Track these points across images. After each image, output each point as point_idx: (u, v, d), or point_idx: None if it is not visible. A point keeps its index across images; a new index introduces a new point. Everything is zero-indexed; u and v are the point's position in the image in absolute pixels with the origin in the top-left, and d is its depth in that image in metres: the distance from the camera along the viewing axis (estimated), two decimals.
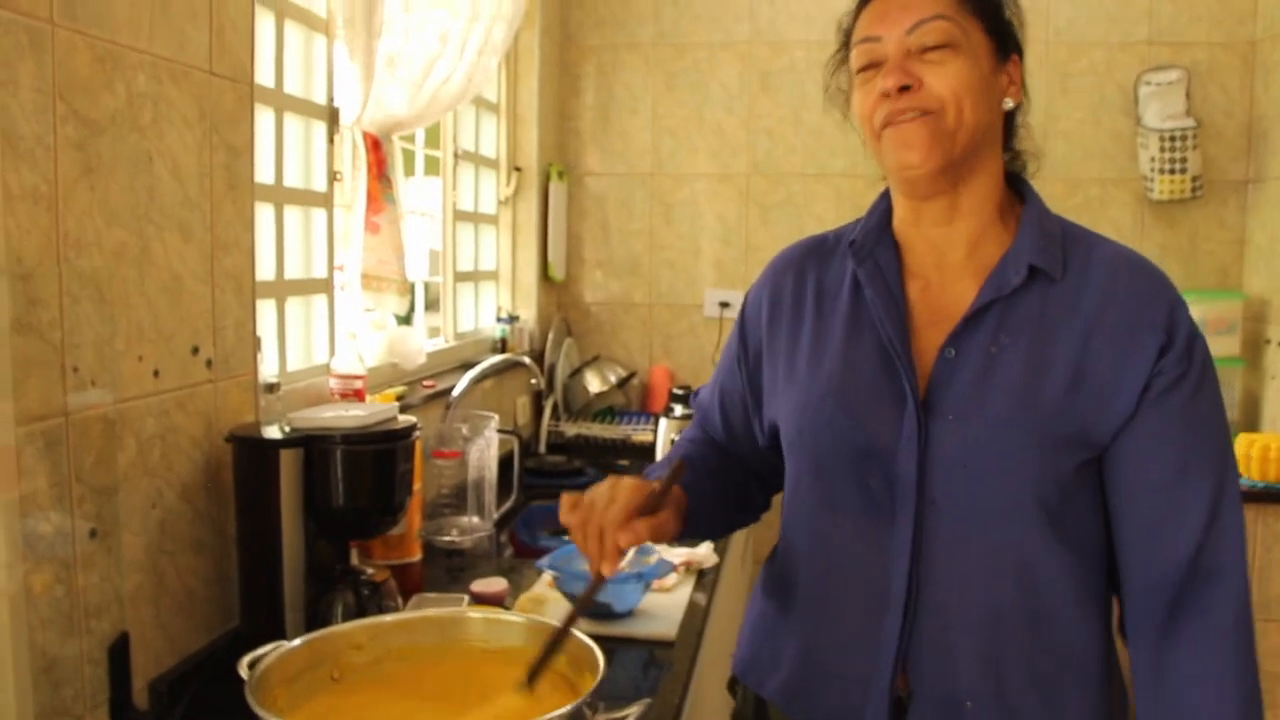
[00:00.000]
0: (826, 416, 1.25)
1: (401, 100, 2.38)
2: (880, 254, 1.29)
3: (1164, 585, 1.16)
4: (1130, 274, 1.21)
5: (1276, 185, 3.41)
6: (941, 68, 1.18)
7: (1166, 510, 1.17)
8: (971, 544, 1.19)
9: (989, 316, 1.21)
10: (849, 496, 1.24)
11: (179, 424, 1.54)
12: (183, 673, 1.53)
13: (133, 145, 1.41)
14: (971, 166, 1.23)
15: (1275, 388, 3.35)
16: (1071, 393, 1.16)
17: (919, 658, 1.21)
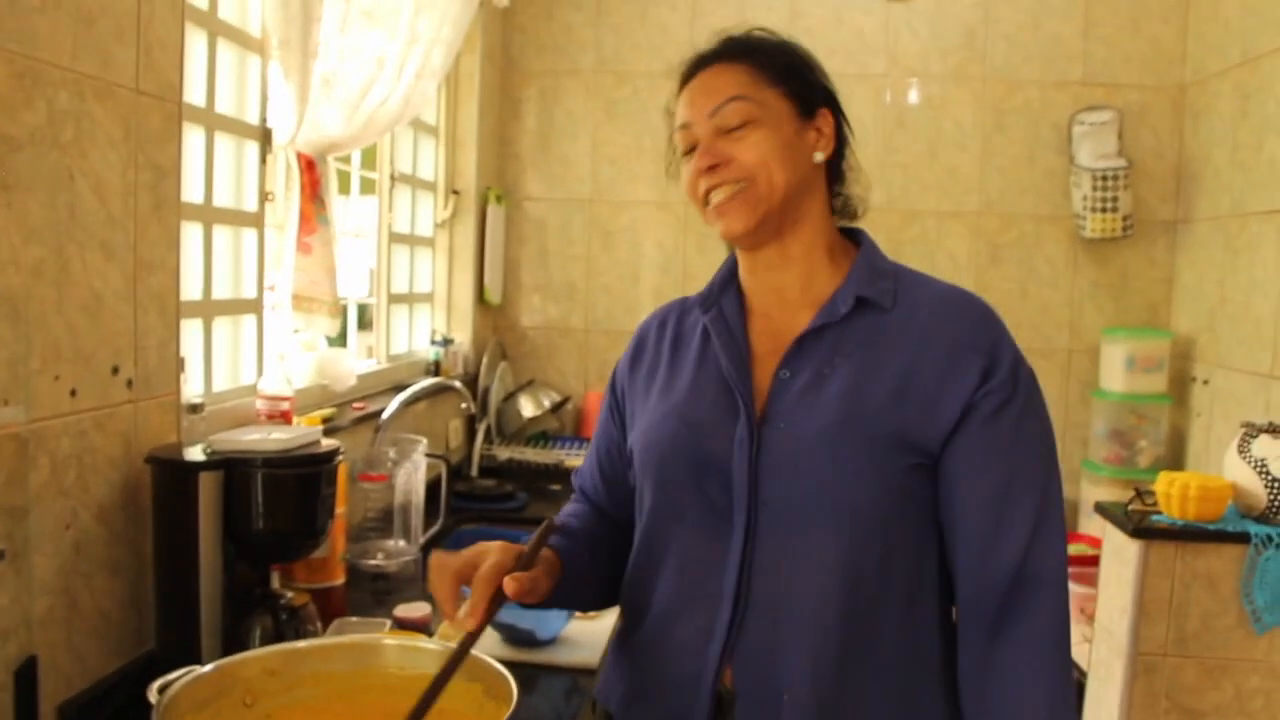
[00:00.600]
0: (670, 431, 1.33)
1: (337, 121, 2.37)
2: (724, 302, 1.39)
3: (991, 593, 1.25)
4: (957, 305, 1.32)
5: (1204, 226, 3.50)
6: (743, 142, 1.29)
7: (994, 524, 1.25)
8: (800, 543, 1.24)
9: (823, 341, 1.30)
10: (692, 506, 1.30)
11: (96, 444, 1.52)
12: (94, 696, 1.51)
13: (53, 163, 1.40)
14: (793, 218, 1.33)
15: (1200, 425, 3.44)
16: (895, 400, 1.25)
17: (746, 653, 1.26)
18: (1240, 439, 2.19)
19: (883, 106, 3.79)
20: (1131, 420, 3.53)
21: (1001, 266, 3.80)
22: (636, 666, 1.38)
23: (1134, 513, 2.18)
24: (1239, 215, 3.28)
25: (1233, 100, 3.34)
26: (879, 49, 3.78)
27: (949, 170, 3.79)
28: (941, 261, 3.80)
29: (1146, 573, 2.11)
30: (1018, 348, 1.30)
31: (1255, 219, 3.17)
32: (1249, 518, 2.14)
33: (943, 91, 3.78)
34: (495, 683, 1.26)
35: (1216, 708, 2.10)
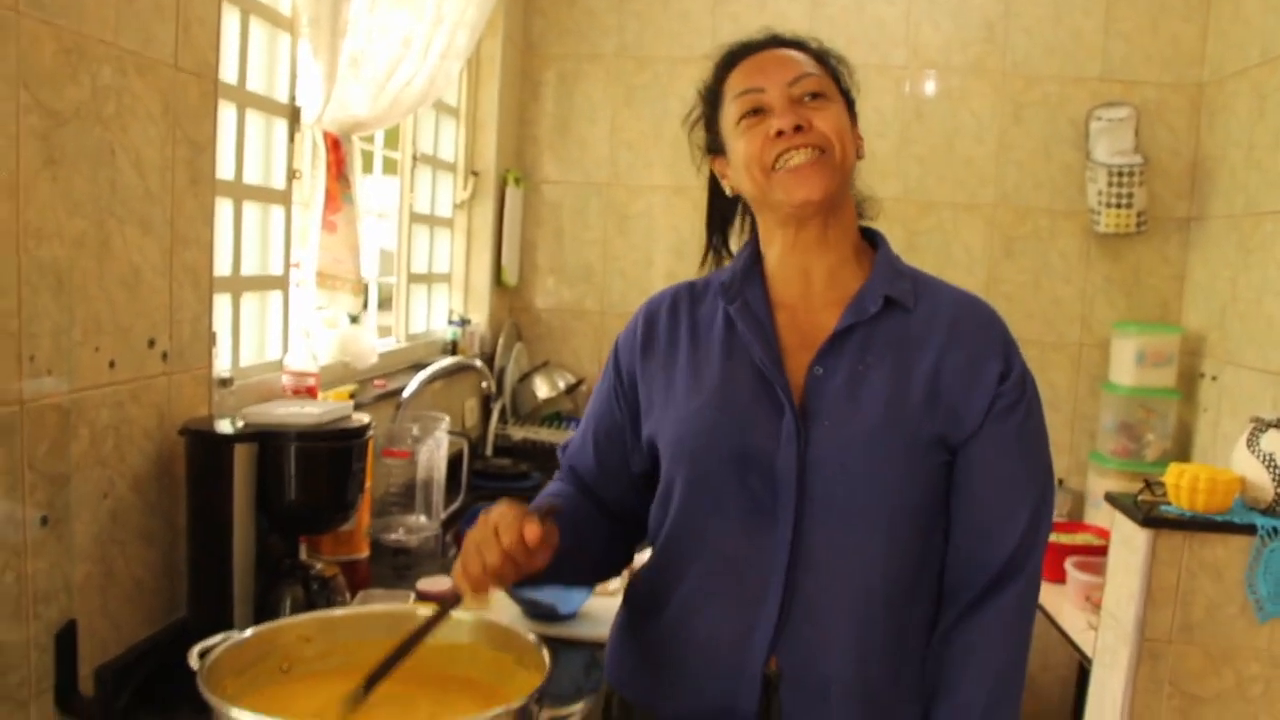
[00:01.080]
0: (708, 423, 1.34)
1: (363, 101, 2.40)
2: (748, 291, 1.40)
3: (979, 578, 1.32)
4: (973, 310, 1.39)
5: (1217, 224, 3.52)
6: (824, 112, 1.33)
7: (998, 518, 1.32)
8: (845, 539, 1.29)
9: (853, 339, 1.34)
10: (731, 498, 1.32)
11: (132, 415, 1.55)
12: (128, 661, 1.54)
13: (96, 137, 1.42)
14: (841, 202, 1.38)
15: (1207, 420, 3.46)
16: (929, 403, 1.31)
17: (792, 644, 1.30)
18: (1250, 433, 2.21)
19: (902, 97, 3.81)
20: (1140, 414, 3.56)
21: (1015, 259, 3.82)
22: (667, 656, 1.39)
23: (1144, 503, 2.21)
24: (1253, 214, 3.29)
25: (1250, 100, 3.36)
26: (899, 40, 3.80)
27: (966, 162, 3.81)
28: (957, 253, 3.82)
29: (1155, 561, 2.14)
30: (1021, 353, 1.38)
31: (1269, 218, 3.19)
32: (1255, 510, 2.17)
33: (962, 84, 3.79)
34: (525, 652, 1.30)
35: (1218, 694, 2.14)
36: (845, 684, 1.29)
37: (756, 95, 1.34)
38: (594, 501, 1.50)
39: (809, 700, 1.30)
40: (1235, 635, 2.11)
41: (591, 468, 1.51)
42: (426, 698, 1.29)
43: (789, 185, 1.32)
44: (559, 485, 1.53)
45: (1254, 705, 2.11)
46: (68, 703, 1.41)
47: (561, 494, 1.49)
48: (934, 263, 3.65)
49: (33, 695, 1.36)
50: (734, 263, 1.46)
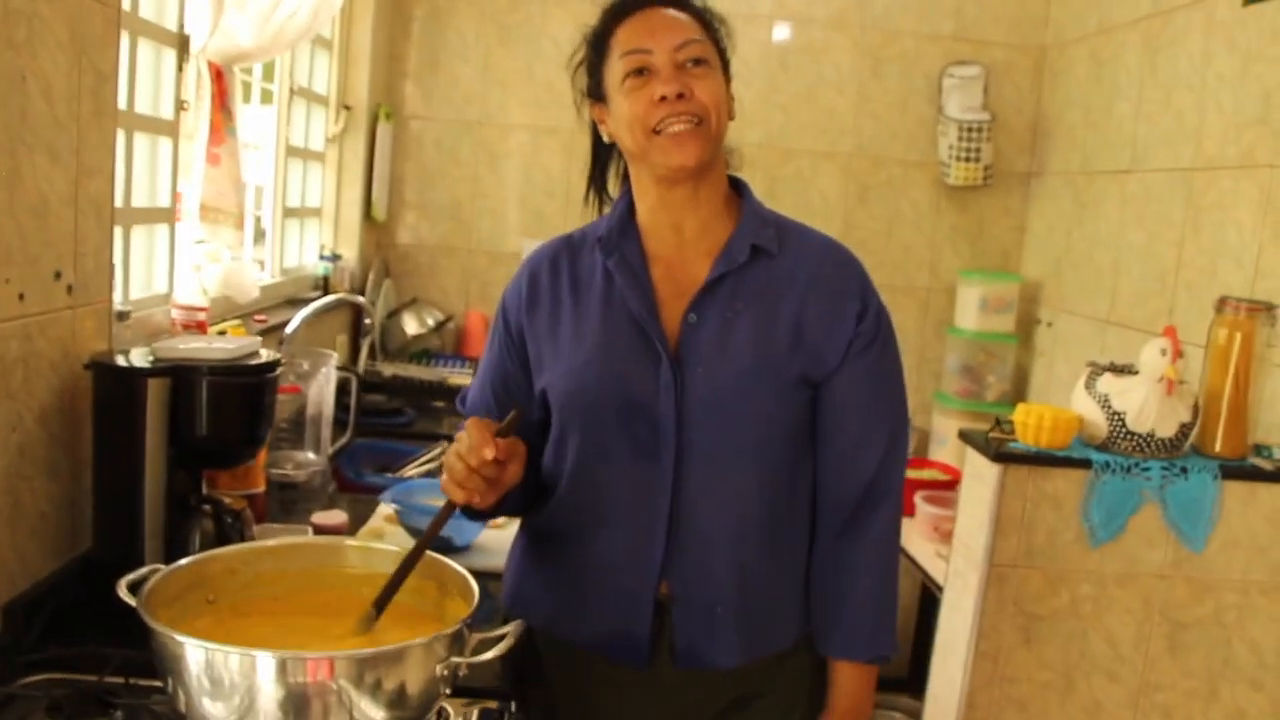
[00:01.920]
0: (594, 377, 1.43)
1: (248, 32, 2.35)
2: (625, 246, 1.47)
3: (846, 502, 1.47)
4: (831, 254, 1.49)
5: (1055, 179, 3.78)
6: (704, 81, 1.39)
7: (856, 445, 1.46)
8: (723, 474, 1.42)
9: (723, 287, 1.43)
10: (618, 444, 1.43)
11: (40, 349, 1.53)
12: (36, 596, 1.54)
13: (8, 63, 1.39)
14: (712, 164, 1.45)
15: (1043, 364, 3.74)
16: (793, 345, 1.42)
17: (680, 572, 1.43)
18: (1087, 376, 2.43)
19: (767, 46, 3.92)
20: (981, 357, 3.81)
21: (869, 207, 4.00)
22: (566, 585, 1.51)
23: (994, 440, 2.40)
24: (1087, 172, 3.55)
25: (1088, 65, 3.60)
26: None
27: (826, 112, 3.96)
28: (814, 200, 3.98)
29: (1003, 493, 2.33)
30: (877, 292, 1.49)
31: (1102, 177, 3.45)
32: (1091, 446, 2.39)
33: (824, 36, 3.92)
34: (452, 581, 1.36)
35: (1054, 612, 2.36)
36: (729, 604, 1.44)
37: (644, 56, 1.38)
38: None
39: (697, 620, 1.44)
40: (1071, 559, 2.33)
41: (492, 415, 1.55)
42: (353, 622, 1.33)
43: (668, 149, 1.38)
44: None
45: (1085, 621, 2.34)
46: None
47: None
48: (793, 208, 3.74)
49: None
50: (609, 216, 1.51)
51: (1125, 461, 2.29)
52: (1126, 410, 2.28)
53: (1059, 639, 2.35)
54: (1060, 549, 2.34)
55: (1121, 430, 2.28)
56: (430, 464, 2.88)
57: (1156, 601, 2.32)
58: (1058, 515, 2.33)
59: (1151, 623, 2.33)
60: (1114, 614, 2.33)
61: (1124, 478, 2.28)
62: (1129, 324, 3.18)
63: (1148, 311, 3.07)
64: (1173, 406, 2.26)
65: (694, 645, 1.44)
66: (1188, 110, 2.96)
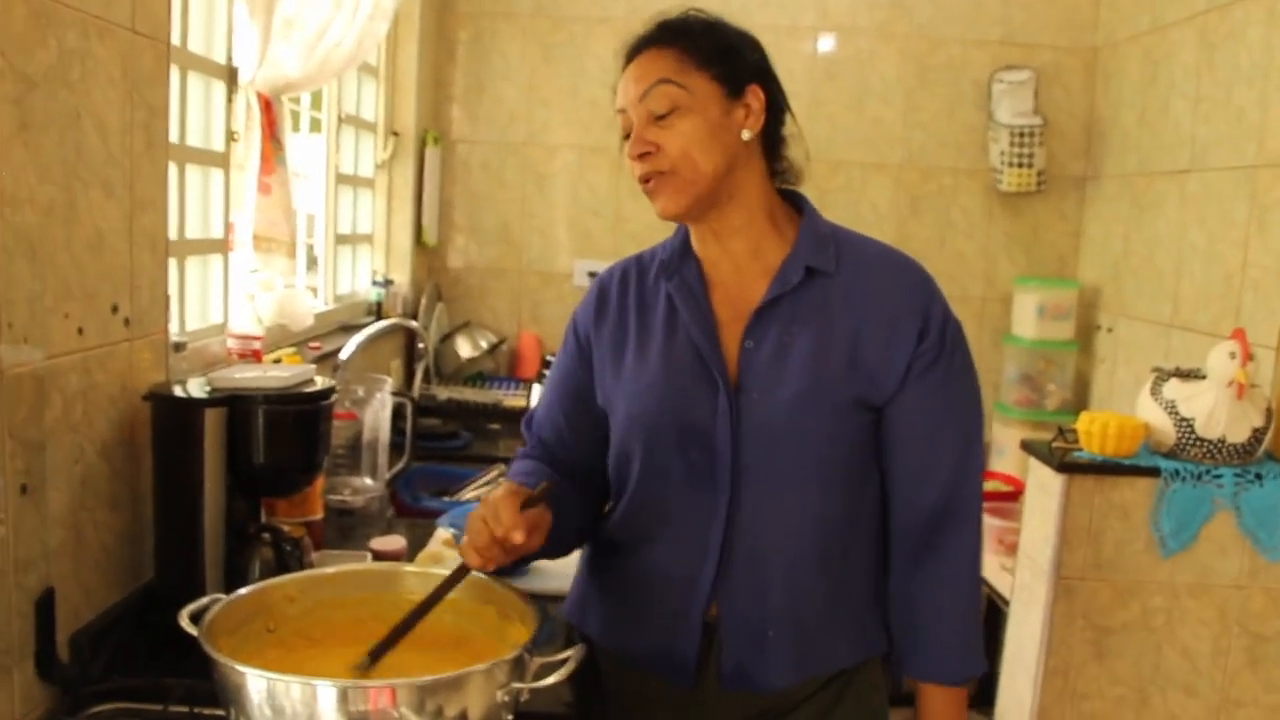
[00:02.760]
0: (655, 400, 1.42)
1: (295, 62, 2.38)
2: (685, 270, 1.47)
3: (917, 526, 1.42)
4: (893, 269, 1.44)
5: (1111, 182, 3.71)
6: (670, 130, 1.35)
7: (923, 467, 1.42)
8: (778, 499, 1.39)
9: (779, 310, 1.40)
10: (677, 467, 1.42)
11: (99, 382, 1.54)
12: (101, 627, 1.54)
13: (63, 102, 1.41)
14: (728, 193, 1.40)
15: (1104, 371, 3.67)
16: (850, 367, 1.38)
17: (730, 596, 1.41)
18: (1152, 382, 2.37)
19: (812, 59, 3.90)
20: (1040, 365, 3.75)
21: (921, 217, 3.96)
22: (620, 599, 1.51)
23: (1058, 449, 2.35)
24: (1144, 174, 3.48)
25: (1142, 65, 3.53)
26: (808, 3, 3.88)
27: (874, 123, 3.93)
28: (864, 211, 3.94)
29: (1068, 504, 2.29)
30: (947, 304, 1.44)
31: (1159, 178, 3.38)
32: (1159, 454, 2.34)
33: (870, 46, 3.89)
34: (509, 605, 1.35)
35: (1125, 624, 2.30)
36: (781, 627, 1.41)
37: (623, 117, 1.40)
38: (564, 471, 1.55)
39: (746, 643, 1.41)
40: (1141, 570, 2.28)
41: (562, 434, 1.57)
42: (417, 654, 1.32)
43: (652, 200, 1.40)
44: (528, 463, 1.57)
45: (1157, 634, 2.28)
46: (48, 669, 1.42)
47: (530, 472, 1.52)
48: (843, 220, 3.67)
49: (15, 662, 1.36)
50: (670, 240, 1.51)
51: (1196, 469, 2.23)
52: (1195, 416, 2.22)
53: (1131, 653, 2.29)
54: (1130, 560, 2.28)
55: (1190, 436, 2.23)
56: (486, 487, 2.88)
57: (1233, 613, 2.25)
58: (1126, 525, 2.28)
59: (1229, 635, 2.26)
60: (1188, 626, 2.27)
61: (1195, 485, 2.23)
62: (1193, 327, 3.10)
63: (1212, 314, 3.00)
64: (1244, 411, 2.20)
65: (742, 666, 1.42)
66: (1249, 106, 2.89)
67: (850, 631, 1.45)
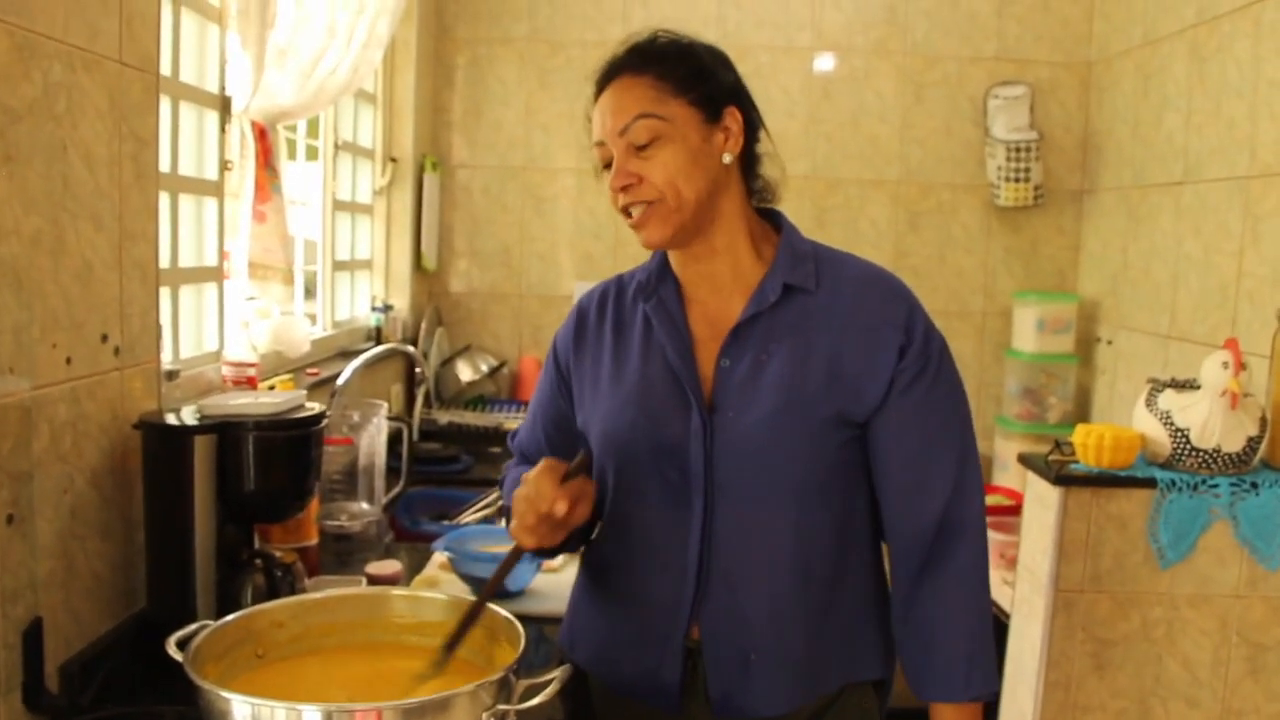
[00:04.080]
0: (628, 420, 1.42)
1: (290, 91, 2.40)
2: (663, 290, 1.47)
3: (918, 543, 1.40)
4: (873, 285, 1.43)
5: (1108, 196, 3.72)
6: (652, 161, 1.35)
7: (918, 480, 1.39)
8: (754, 519, 1.38)
9: (756, 328, 1.40)
10: (651, 487, 1.42)
11: (89, 411, 1.55)
12: (92, 656, 1.55)
13: (48, 134, 1.42)
14: (710, 217, 1.40)
15: (1104, 382, 3.66)
16: (830, 383, 1.37)
17: (711, 618, 1.40)
18: (1148, 393, 2.37)
19: (809, 78, 3.91)
20: (1042, 379, 3.74)
21: (920, 233, 3.97)
22: (604, 625, 1.50)
23: (1054, 462, 2.35)
24: (1140, 186, 3.49)
25: (1135, 79, 3.54)
26: (805, 22, 3.90)
27: (870, 140, 3.94)
28: (864, 228, 3.95)
29: (1066, 516, 2.28)
30: (928, 318, 1.42)
31: (1155, 190, 3.38)
32: (1155, 465, 2.33)
33: (865, 64, 3.91)
34: (498, 627, 1.35)
35: (1125, 636, 2.29)
36: (764, 653, 1.39)
37: (602, 149, 1.39)
38: None
39: (730, 669, 1.40)
40: (1140, 582, 2.27)
41: (543, 451, 1.58)
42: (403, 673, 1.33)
43: (636, 230, 1.39)
44: (518, 471, 1.59)
45: (1158, 645, 2.27)
46: (35, 700, 1.42)
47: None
48: (842, 238, 3.78)
49: (2, 694, 1.37)
50: (649, 262, 1.51)
51: (1192, 479, 2.22)
52: (1190, 426, 2.21)
53: (1132, 665, 2.28)
54: (1128, 571, 2.27)
55: (1186, 447, 2.22)
56: (487, 510, 2.88)
57: (1233, 623, 2.24)
58: (1124, 537, 2.27)
59: (1229, 645, 2.25)
60: (1189, 637, 2.26)
61: (1191, 495, 2.22)
62: (1191, 338, 3.10)
63: (1209, 324, 2.99)
64: (1238, 420, 2.19)
65: (730, 693, 1.40)
66: (1240, 118, 2.90)
67: (842, 657, 1.43)
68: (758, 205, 1.49)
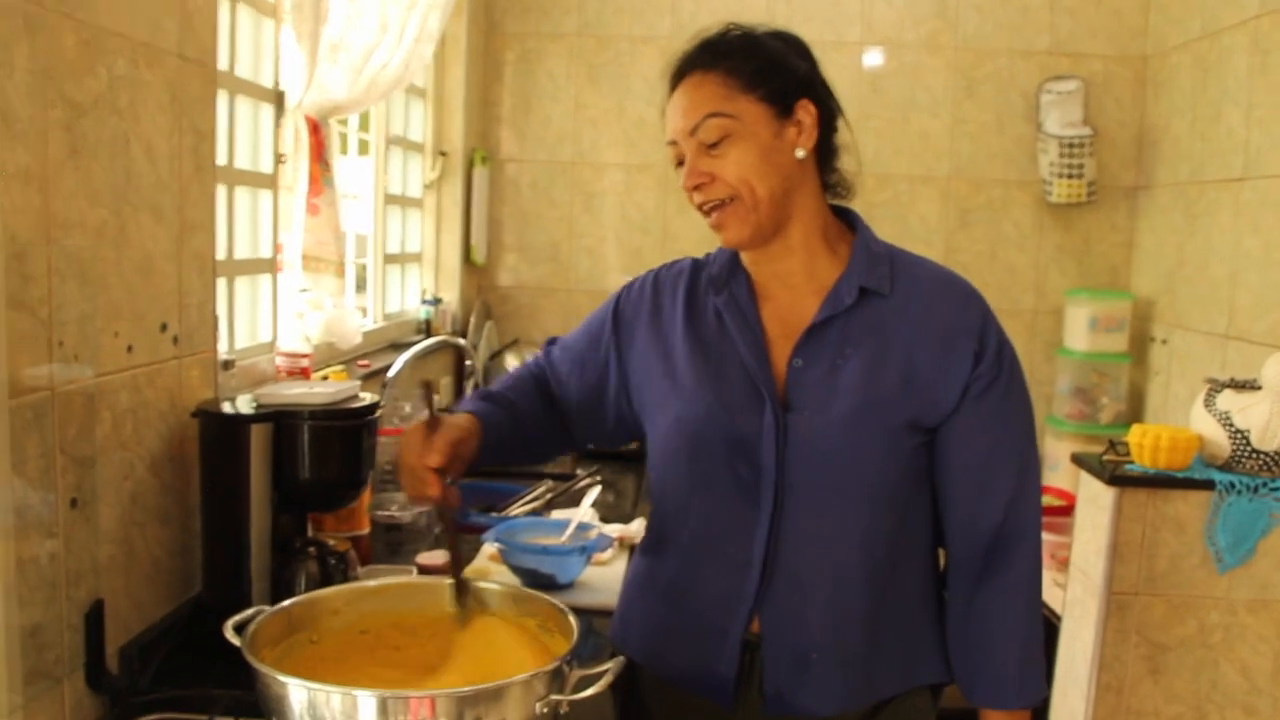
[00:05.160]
0: (704, 409, 1.41)
1: (342, 85, 2.42)
2: (734, 285, 1.46)
3: (976, 549, 1.40)
4: (948, 290, 1.42)
5: (1163, 192, 3.66)
6: (724, 159, 1.35)
7: (979, 490, 1.39)
8: (822, 520, 1.38)
9: (831, 330, 1.39)
10: (720, 479, 1.41)
11: (149, 399, 1.58)
12: (151, 639, 1.58)
13: (112, 128, 1.45)
14: (788, 214, 1.39)
15: (1159, 383, 3.61)
16: (904, 389, 1.36)
17: (772, 614, 1.39)
18: (1206, 394, 2.33)
19: (858, 73, 3.89)
20: (1094, 378, 3.69)
21: (970, 230, 3.93)
22: (660, 615, 1.50)
23: (1109, 462, 2.32)
24: (1197, 183, 3.43)
25: (1192, 72, 3.48)
26: (854, 16, 3.88)
27: (921, 136, 3.91)
28: (913, 225, 3.92)
29: (1120, 518, 2.25)
30: (1001, 327, 1.42)
31: (1212, 186, 3.32)
32: (1214, 466, 2.29)
33: (915, 59, 3.88)
34: (550, 618, 1.36)
35: (1181, 641, 2.26)
36: (824, 652, 1.39)
37: (675, 149, 1.40)
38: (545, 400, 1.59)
39: (788, 665, 1.39)
40: (1197, 585, 2.23)
41: (562, 378, 1.58)
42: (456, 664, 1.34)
43: (716, 229, 1.40)
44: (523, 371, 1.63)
45: (1214, 651, 2.23)
46: (98, 680, 1.45)
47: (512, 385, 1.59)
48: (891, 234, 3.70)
49: (65, 674, 1.39)
50: (719, 252, 1.50)
51: (1251, 481, 2.19)
52: (1250, 428, 2.18)
53: (1188, 670, 2.24)
54: (1185, 575, 2.24)
55: (1246, 449, 2.19)
56: (535, 503, 2.89)
57: None
58: (1180, 540, 2.24)
59: None
60: (1247, 643, 2.22)
61: (1251, 498, 2.18)
62: (1249, 338, 3.04)
63: (1269, 324, 2.94)
64: None
65: (784, 691, 1.39)
66: None
67: (899, 659, 1.43)
68: (832, 202, 1.47)
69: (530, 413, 1.56)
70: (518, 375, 1.61)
